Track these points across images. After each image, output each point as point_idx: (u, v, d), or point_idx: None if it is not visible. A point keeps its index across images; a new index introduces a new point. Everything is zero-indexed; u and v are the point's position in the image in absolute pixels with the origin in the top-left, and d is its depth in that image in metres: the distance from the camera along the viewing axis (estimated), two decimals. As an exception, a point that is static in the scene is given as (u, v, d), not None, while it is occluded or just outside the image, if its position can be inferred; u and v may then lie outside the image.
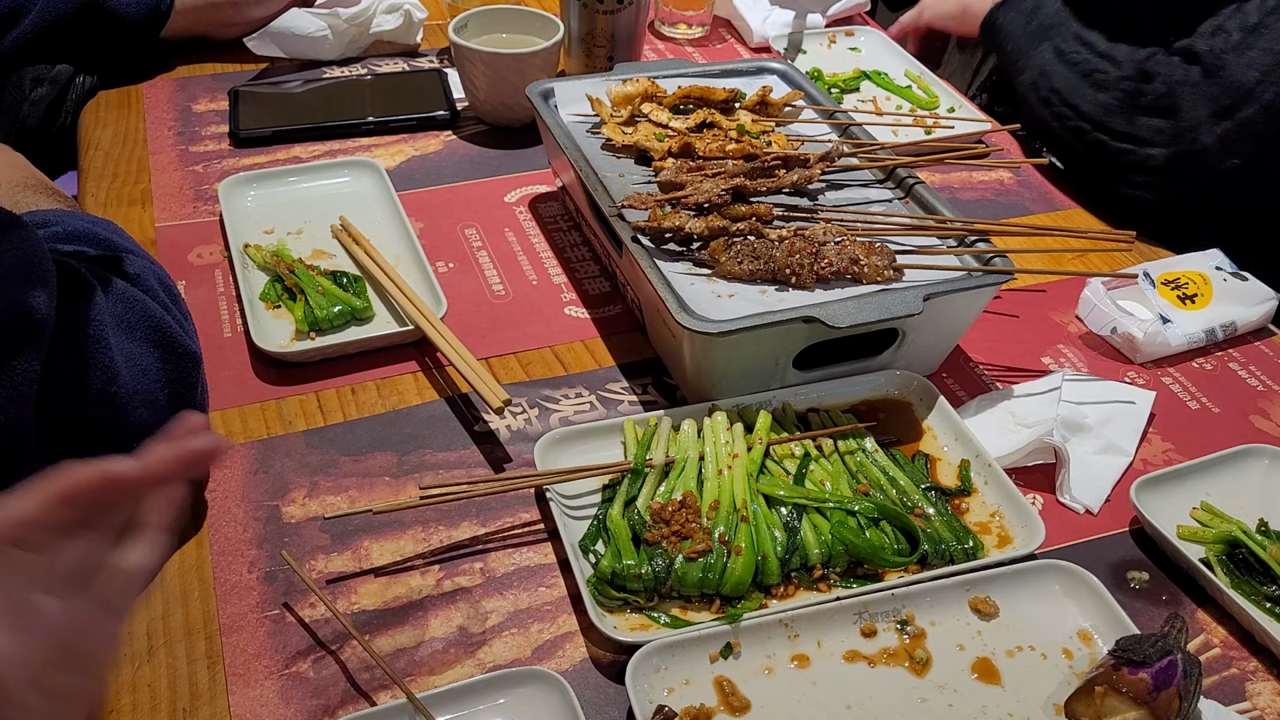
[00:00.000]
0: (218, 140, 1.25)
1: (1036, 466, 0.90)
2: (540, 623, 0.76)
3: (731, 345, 0.84)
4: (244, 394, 0.92)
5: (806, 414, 0.90)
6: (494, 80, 1.25)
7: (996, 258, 0.91)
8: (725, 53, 1.53)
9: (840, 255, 0.90)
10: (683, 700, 0.70)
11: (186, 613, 0.75)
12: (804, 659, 0.73)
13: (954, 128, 1.28)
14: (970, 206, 1.21)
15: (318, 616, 0.75)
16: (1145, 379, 1.00)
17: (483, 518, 0.83)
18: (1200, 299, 1.05)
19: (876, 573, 0.78)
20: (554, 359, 0.98)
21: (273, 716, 0.69)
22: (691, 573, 0.75)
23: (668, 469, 0.83)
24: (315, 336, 0.96)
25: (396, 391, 0.93)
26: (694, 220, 0.93)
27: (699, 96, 1.12)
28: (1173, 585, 0.82)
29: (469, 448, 0.89)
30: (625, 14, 1.32)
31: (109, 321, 0.72)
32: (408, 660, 0.73)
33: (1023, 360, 1.02)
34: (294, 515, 0.82)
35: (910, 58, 1.47)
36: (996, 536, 0.82)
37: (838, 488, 0.83)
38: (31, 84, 1.26)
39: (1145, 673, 0.67)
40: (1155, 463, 0.92)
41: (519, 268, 1.09)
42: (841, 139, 1.10)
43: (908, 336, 0.91)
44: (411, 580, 0.78)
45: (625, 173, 1.04)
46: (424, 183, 1.21)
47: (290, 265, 1.01)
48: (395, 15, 1.43)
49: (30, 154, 0.97)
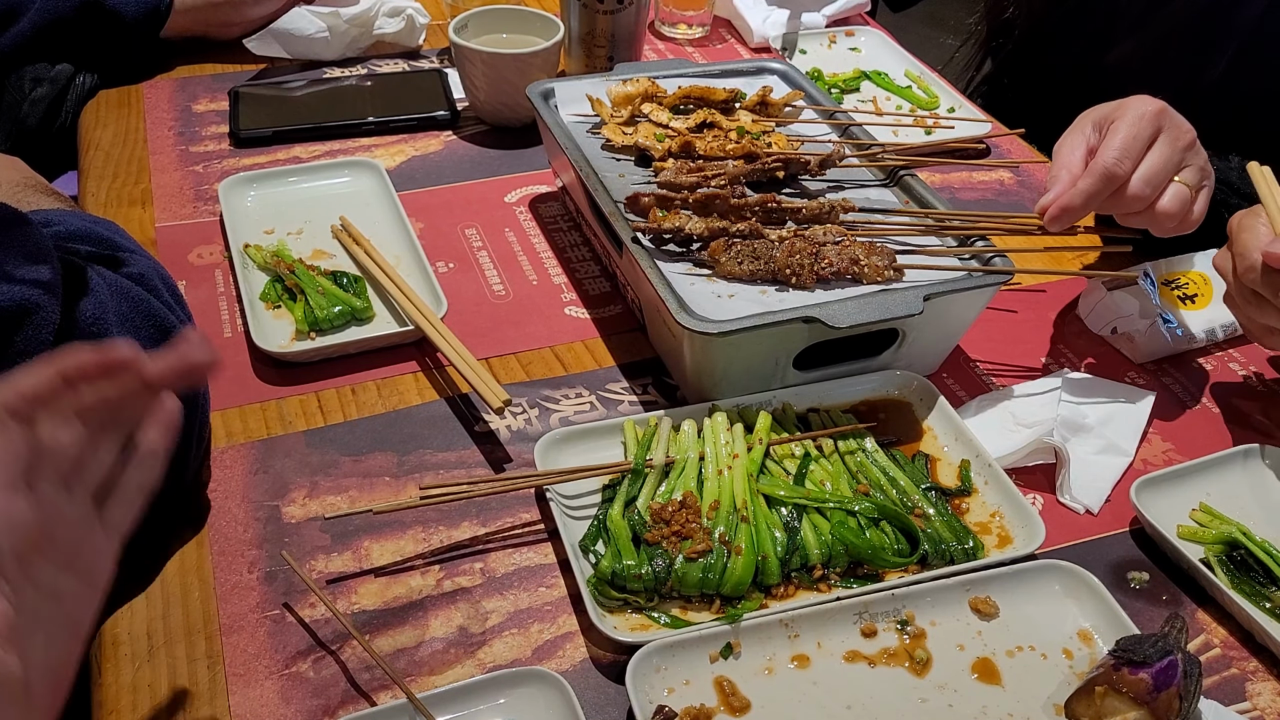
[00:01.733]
0: (218, 140, 1.25)
1: (1036, 466, 0.90)
2: (540, 623, 0.76)
3: (731, 345, 0.84)
4: (244, 394, 0.92)
5: (806, 414, 0.90)
6: (494, 80, 1.25)
7: (996, 258, 0.91)
8: (725, 53, 1.53)
9: (840, 255, 0.90)
10: (683, 700, 0.70)
11: (186, 613, 0.75)
12: (804, 659, 0.73)
13: (954, 128, 1.28)
14: (970, 206, 1.21)
15: (318, 616, 0.75)
16: (1145, 379, 1.00)
17: (483, 518, 0.83)
18: (1200, 299, 1.05)
19: (876, 573, 0.78)
20: (554, 359, 0.98)
21: (273, 716, 0.69)
22: (691, 573, 0.75)
23: (668, 469, 0.83)
24: (315, 336, 0.96)
25: (396, 391, 0.94)
26: (694, 220, 0.93)
27: (699, 96, 1.12)
28: (1173, 585, 0.82)
29: (469, 448, 0.89)
30: (625, 14, 1.32)
31: (113, 320, 0.72)
32: (408, 660, 0.73)
33: (1023, 360, 1.02)
34: (294, 515, 0.82)
35: (910, 58, 1.47)
36: (996, 536, 0.82)
37: (838, 488, 0.83)
38: (31, 84, 1.26)
39: (1145, 673, 0.67)
40: (1155, 463, 0.92)
41: (519, 268, 1.09)
42: (842, 139, 1.10)
43: (908, 336, 0.91)
44: (412, 580, 0.78)
45: (625, 173, 1.04)
46: (424, 183, 1.21)
47: (290, 265, 1.01)
48: (398, 19, 1.43)
49: (30, 154, 0.97)
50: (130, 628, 0.73)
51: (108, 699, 0.69)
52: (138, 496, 0.55)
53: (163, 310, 0.77)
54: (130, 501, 0.55)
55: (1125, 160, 0.88)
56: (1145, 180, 0.87)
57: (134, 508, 0.55)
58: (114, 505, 0.54)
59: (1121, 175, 0.88)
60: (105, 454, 0.53)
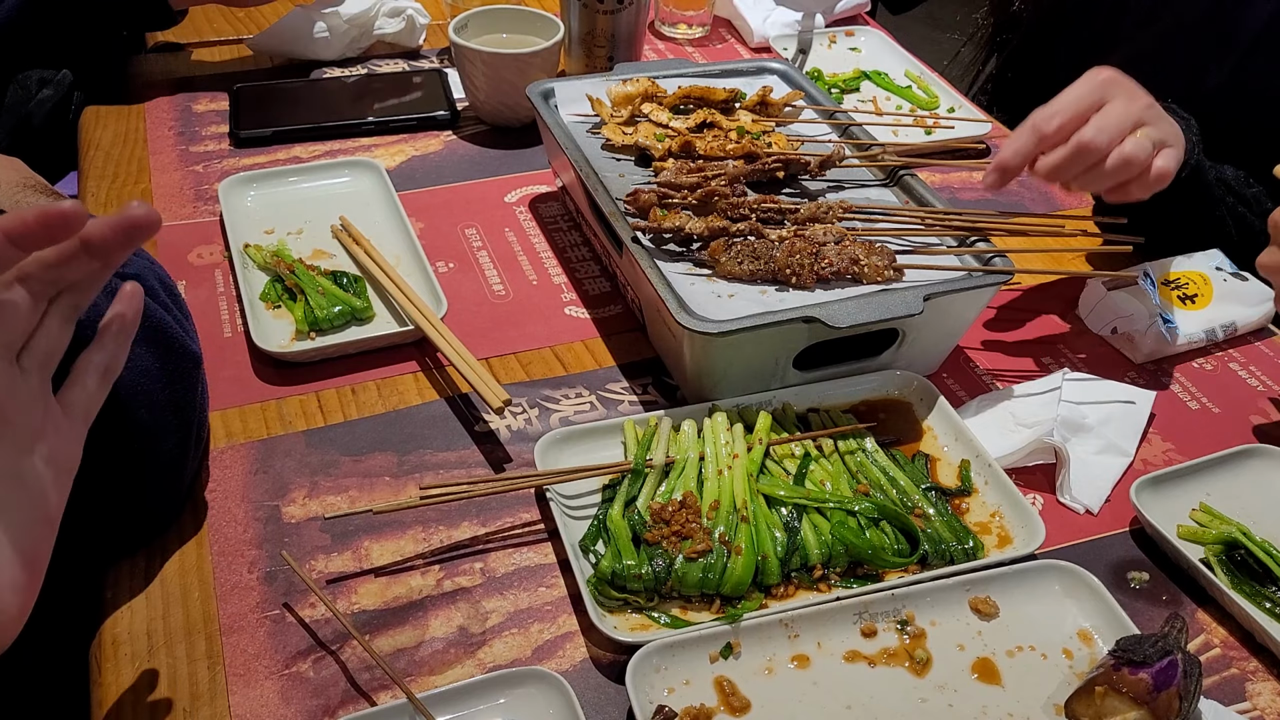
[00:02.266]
0: (218, 140, 1.25)
1: (1036, 466, 0.90)
2: (540, 623, 0.76)
3: (731, 345, 0.84)
4: (244, 394, 0.92)
5: (806, 414, 0.90)
6: (494, 80, 1.25)
7: (996, 258, 0.91)
8: (725, 53, 1.53)
9: (840, 255, 0.90)
10: (683, 700, 0.70)
11: (186, 613, 0.75)
12: (804, 659, 0.73)
13: (954, 128, 1.28)
14: (970, 207, 1.21)
15: (318, 616, 0.75)
16: (1145, 379, 1.00)
17: (483, 518, 0.83)
18: (1200, 299, 1.05)
19: (876, 573, 0.78)
20: (554, 359, 0.98)
21: (273, 716, 0.69)
22: (691, 573, 0.75)
23: (668, 469, 0.83)
24: (315, 336, 0.96)
25: (396, 391, 0.94)
26: (694, 220, 0.93)
27: (699, 96, 1.12)
28: (1173, 585, 0.82)
29: (469, 448, 0.89)
30: (625, 14, 1.32)
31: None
32: (408, 660, 0.73)
33: (1023, 360, 1.02)
34: (294, 515, 0.82)
35: (910, 58, 1.47)
36: (996, 536, 0.82)
37: (838, 488, 0.83)
38: (38, 84, 1.26)
39: (1145, 673, 0.67)
40: (1155, 463, 0.92)
41: (519, 268, 1.09)
42: (842, 139, 1.10)
43: (908, 336, 0.91)
44: (411, 580, 0.78)
45: (625, 173, 1.04)
46: (424, 183, 1.21)
47: (290, 265, 1.01)
48: (398, 19, 1.43)
49: (32, 155, 0.97)
50: (130, 628, 0.73)
51: (108, 699, 0.69)
52: (99, 380, 0.53)
53: (159, 312, 0.76)
54: (90, 385, 0.53)
55: (1055, 117, 0.88)
56: (1099, 129, 0.87)
57: (95, 392, 0.53)
58: (74, 388, 0.52)
59: (1049, 132, 0.88)
60: (56, 329, 0.51)
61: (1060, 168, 0.89)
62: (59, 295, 0.51)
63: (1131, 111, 0.90)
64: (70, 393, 0.53)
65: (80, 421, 0.53)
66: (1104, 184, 0.91)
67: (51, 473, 0.52)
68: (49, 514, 0.52)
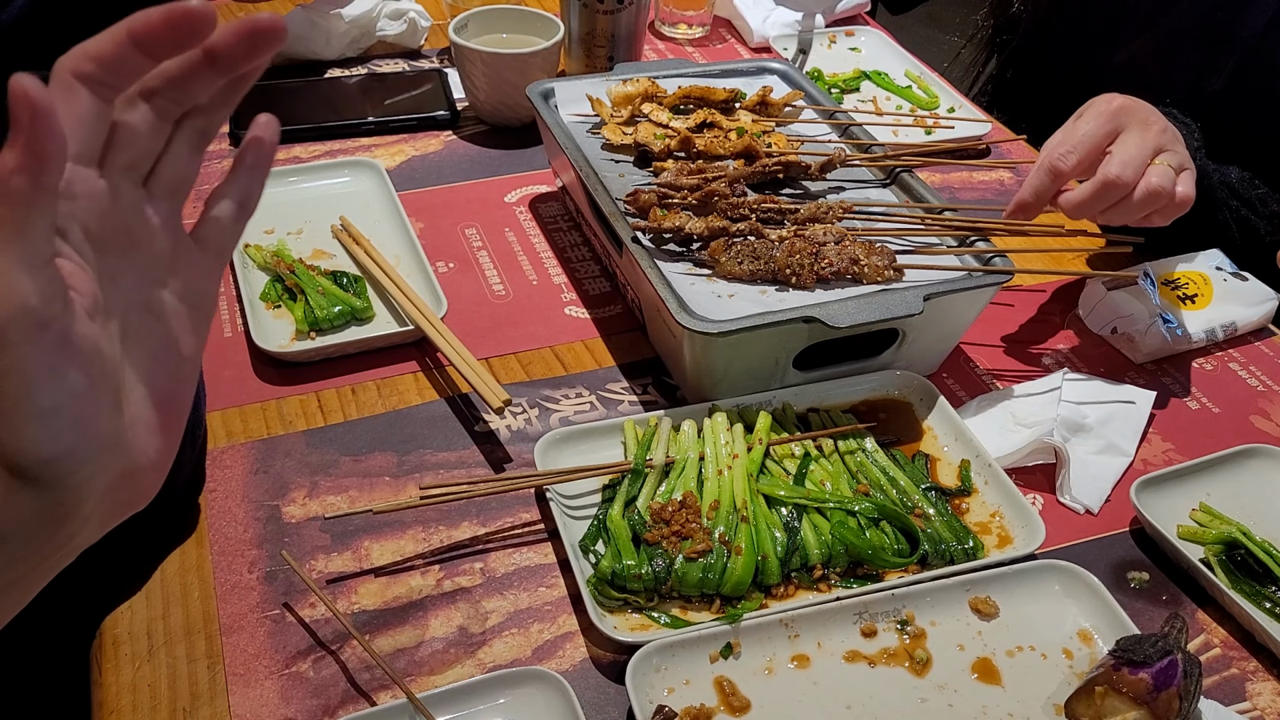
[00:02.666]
0: (218, 140, 1.25)
1: (1036, 466, 0.90)
2: (540, 623, 0.76)
3: (731, 345, 0.84)
4: (244, 394, 0.92)
5: (806, 414, 0.90)
6: (494, 80, 1.25)
7: (996, 258, 0.91)
8: (725, 53, 1.53)
9: (840, 255, 0.90)
10: (683, 700, 0.70)
11: (186, 613, 0.75)
12: (804, 659, 0.73)
13: (954, 128, 1.28)
14: (970, 206, 1.21)
15: (318, 616, 0.75)
16: (1145, 379, 1.00)
17: (483, 518, 0.83)
18: (1200, 299, 1.05)
19: (876, 573, 0.78)
20: (554, 359, 0.98)
21: (273, 716, 0.69)
22: (691, 573, 0.75)
23: (668, 469, 0.83)
24: (315, 336, 0.96)
25: (396, 391, 0.94)
26: (694, 220, 0.93)
27: (699, 96, 1.12)
28: (1173, 585, 0.82)
29: (469, 448, 0.89)
30: (625, 14, 1.32)
31: None
32: (408, 660, 0.73)
33: (1023, 360, 1.02)
34: (294, 515, 0.82)
35: (910, 58, 1.47)
36: (996, 536, 0.82)
37: (838, 488, 0.83)
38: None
39: (1145, 673, 0.67)
40: (1155, 463, 0.92)
41: (519, 268, 1.09)
42: (842, 139, 1.10)
43: (908, 336, 0.91)
44: (411, 580, 0.78)
45: (625, 173, 1.04)
46: (424, 183, 1.21)
47: (290, 265, 1.01)
48: (399, 21, 1.43)
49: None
50: (130, 628, 0.73)
51: (108, 699, 0.69)
52: (235, 213, 0.49)
53: None
54: (225, 218, 0.49)
55: (1071, 154, 0.88)
56: (1123, 163, 0.87)
57: (231, 226, 0.49)
58: (207, 222, 0.49)
59: (1066, 169, 0.88)
60: (184, 155, 0.47)
61: (1086, 205, 0.88)
62: (184, 119, 0.47)
63: (1148, 140, 0.89)
64: (204, 227, 0.49)
65: (214, 257, 0.49)
66: (1133, 216, 0.90)
67: (185, 308, 0.48)
68: (185, 352, 0.48)
